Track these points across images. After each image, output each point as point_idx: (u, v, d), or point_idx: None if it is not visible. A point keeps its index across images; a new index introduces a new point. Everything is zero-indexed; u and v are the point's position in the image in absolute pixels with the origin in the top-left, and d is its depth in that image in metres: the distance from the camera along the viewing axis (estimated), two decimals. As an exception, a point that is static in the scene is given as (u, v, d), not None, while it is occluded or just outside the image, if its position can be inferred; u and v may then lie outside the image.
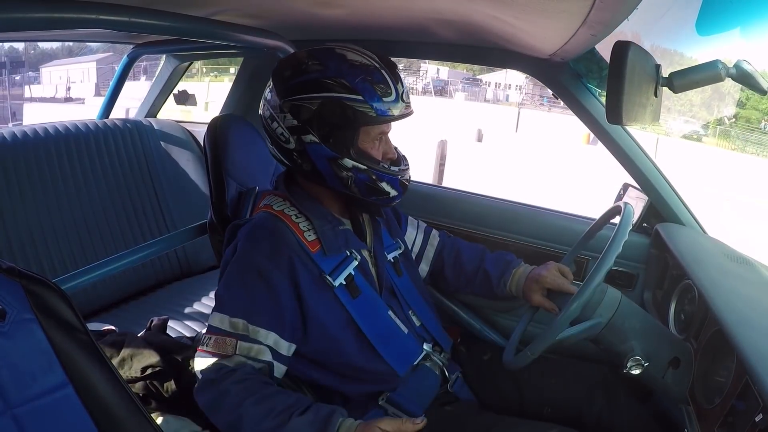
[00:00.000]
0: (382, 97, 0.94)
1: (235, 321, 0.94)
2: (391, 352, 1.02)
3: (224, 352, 0.93)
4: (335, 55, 0.95)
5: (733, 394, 0.79)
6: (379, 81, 0.94)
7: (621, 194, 1.51)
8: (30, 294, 0.61)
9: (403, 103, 0.98)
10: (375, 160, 0.99)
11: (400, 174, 1.02)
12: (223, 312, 0.95)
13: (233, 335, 0.93)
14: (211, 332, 0.95)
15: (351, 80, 0.93)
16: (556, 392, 1.11)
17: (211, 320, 0.96)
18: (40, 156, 1.66)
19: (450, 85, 29.45)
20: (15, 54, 31.05)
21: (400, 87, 0.97)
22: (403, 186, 1.03)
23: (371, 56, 0.97)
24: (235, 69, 2.13)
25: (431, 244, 1.29)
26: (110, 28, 0.97)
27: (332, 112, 0.93)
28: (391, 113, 0.96)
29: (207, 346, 0.94)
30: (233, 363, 0.92)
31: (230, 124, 1.27)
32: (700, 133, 19.94)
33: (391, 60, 1.00)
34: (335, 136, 0.94)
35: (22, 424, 0.57)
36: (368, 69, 0.94)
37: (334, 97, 0.93)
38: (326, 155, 0.96)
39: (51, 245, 1.64)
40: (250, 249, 0.98)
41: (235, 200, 1.20)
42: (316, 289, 0.98)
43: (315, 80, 0.93)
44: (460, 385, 1.11)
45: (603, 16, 0.74)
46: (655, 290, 1.39)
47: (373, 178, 0.98)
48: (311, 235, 1.00)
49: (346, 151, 0.95)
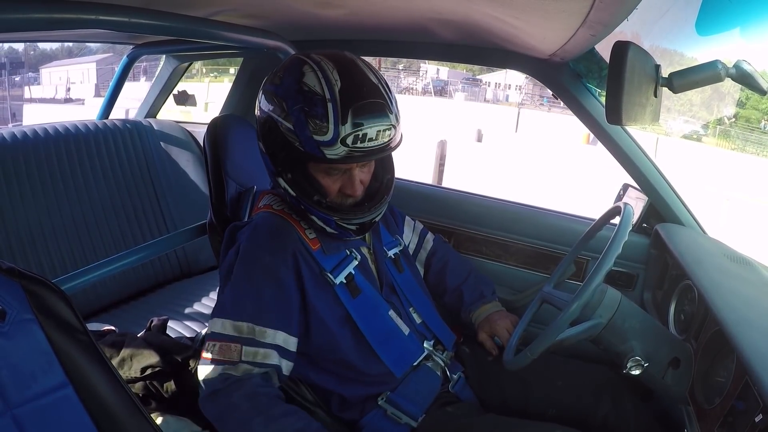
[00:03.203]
0: (313, 134, 0.86)
1: (239, 324, 0.92)
2: (389, 353, 1.02)
3: (229, 359, 0.90)
4: (297, 73, 0.89)
5: (733, 394, 0.79)
6: (315, 115, 0.85)
7: (621, 194, 1.51)
8: (30, 294, 0.61)
9: (344, 148, 0.86)
10: (309, 191, 0.94)
11: (341, 216, 0.95)
12: (225, 316, 0.93)
13: (238, 340, 0.91)
14: (213, 338, 0.92)
15: (290, 105, 0.88)
16: (562, 394, 1.10)
17: (212, 326, 0.93)
18: (40, 156, 1.66)
19: (450, 85, 29.44)
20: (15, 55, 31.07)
21: (349, 127, 0.85)
22: (342, 228, 0.97)
23: (333, 84, 0.86)
24: (235, 69, 2.13)
25: (424, 248, 1.31)
26: (110, 29, 0.97)
27: (271, 131, 0.92)
28: (323, 154, 0.87)
29: (211, 352, 0.91)
30: (239, 372, 0.90)
31: (230, 124, 1.27)
32: (700, 133, 19.95)
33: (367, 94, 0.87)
34: (275, 154, 0.94)
35: (22, 424, 0.57)
36: (312, 98, 0.86)
37: (274, 117, 0.91)
38: (268, 166, 0.97)
39: (51, 245, 1.64)
40: (253, 248, 0.97)
41: (234, 200, 1.19)
42: (316, 285, 0.98)
43: (270, 92, 0.92)
44: (461, 386, 1.11)
45: (603, 16, 0.74)
46: (655, 290, 1.39)
47: (302, 208, 0.96)
48: (311, 233, 1.01)
49: (280, 171, 0.95)
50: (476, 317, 1.23)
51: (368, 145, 0.88)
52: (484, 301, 1.24)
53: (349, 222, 0.96)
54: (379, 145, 0.89)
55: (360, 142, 0.87)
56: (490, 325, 1.20)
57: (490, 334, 1.20)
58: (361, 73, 0.90)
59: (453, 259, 1.30)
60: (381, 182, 1.03)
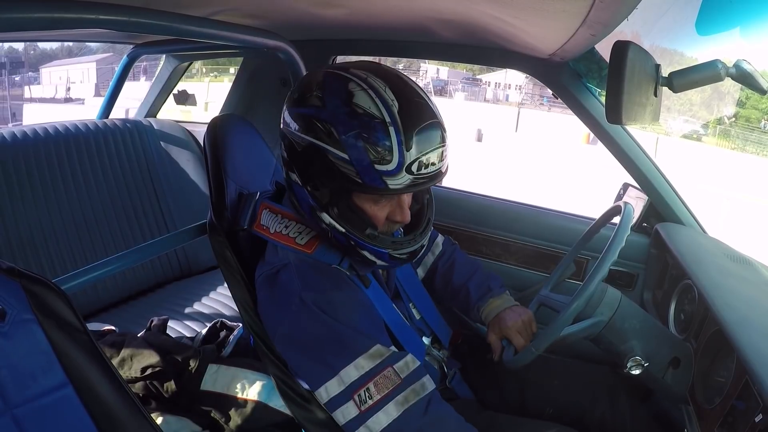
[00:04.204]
0: (373, 164, 0.76)
1: (373, 351, 0.81)
2: (409, 343, 0.97)
3: (393, 386, 0.80)
4: (343, 92, 0.78)
5: (733, 394, 0.79)
6: (377, 141, 0.75)
7: (621, 194, 1.51)
8: (30, 294, 0.61)
9: (409, 176, 0.77)
10: (362, 225, 0.84)
11: (393, 247, 0.86)
12: (351, 359, 0.80)
13: (385, 363, 0.81)
14: (358, 387, 0.79)
15: (341, 131, 0.76)
16: (559, 393, 1.11)
17: (345, 378, 0.80)
18: (40, 156, 1.66)
19: (450, 84, 29.44)
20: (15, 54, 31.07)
21: (414, 152, 0.76)
22: (395, 260, 0.88)
23: (391, 103, 0.76)
24: (235, 69, 2.13)
25: (432, 252, 1.28)
26: (110, 28, 0.97)
27: (315, 161, 0.79)
28: (385, 185, 0.77)
29: (369, 399, 0.79)
30: (416, 395, 0.81)
31: (230, 124, 1.26)
32: (700, 133, 19.96)
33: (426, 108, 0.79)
34: (317, 187, 0.82)
35: (22, 424, 0.57)
36: (370, 123, 0.75)
37: (319, 146, 0.78)
38: (307, 201, 0.85)
39: (51, 245, 1.64)
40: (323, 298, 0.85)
41: (234, 202, 1.19)
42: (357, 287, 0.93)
43: (308, 118, 0.79)
44: (458, 382, 1.11)
45: (602, 16, 0.74)
46: (655, 290, 1.39)
47: (351, 243, 0.85)
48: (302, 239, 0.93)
49: (325, 205, 0.83)
50: (486, 314, 1.13)
51: (431, 170, 0.79)
52: (492, 295, 1.15)
53: (402, 252, 0.88)
54: (439, 169, 0.81)
55: (424, 168, 0.78)
56: (500, 327, 1.09)
57: (501, 337, 1.09)
58: (413, 91, 0.81)
59: (459, 258, 1.26)
60: (422, 203, 0.96)
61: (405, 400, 0.80)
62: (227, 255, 1.06)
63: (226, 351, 1.19)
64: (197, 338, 1.28)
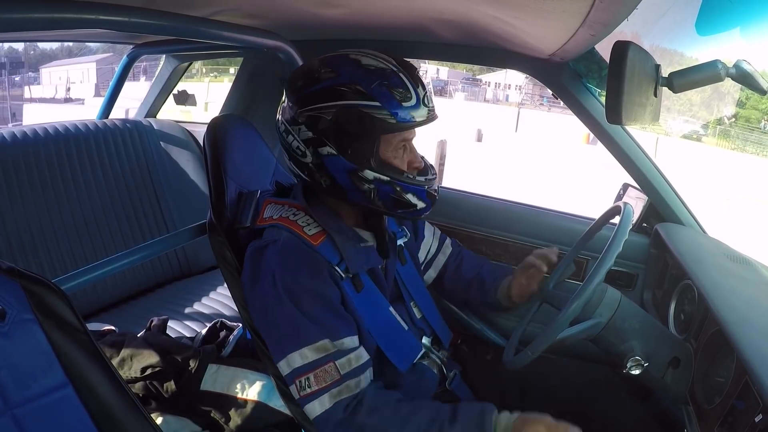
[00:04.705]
0: (401, 102, 0.88)
1: (319, 344, 0.88)
2: (393, 348, 1.01)
3: (332, 380, 0.87)
4: (349, 61, 0.90)
5: (733, 394, 0.79)
6: (396, 85, 0.88)
7: (621, 194, 1.51)
8: (30, 294, 0.61)
9: (426, 108, 0.91)
10: (398, 171, 0.93)
11: (426, 184, 0.96)
12: (298, 347, 0.88)
13: (326, 358, 0.88)
14: (300, 373, 0.88)
15: (366, 86, 0.87)
16: (559, 393, 1.11)
17: (289, 364, 0.88)
18: (40, 156, 1.66)
19: (450, 85, 29.46)
20: (15, 54, 31.06)
21: (421, 90, 0.91)
22: (431, 197, 0.97)
23: (387, 59, 0.92)
24: (235, 69, 2.13)
25: (443, 252, 1.28)
26: (110, 28, 0.97)
27: (348, 120, 0.88)
28: (413, 119, 0.90)
29: (308, 387, 0.87)
30: (349, 391, 0.87)
31: (230, 124, 1.26)
32: (700, 133, 19.97)
33: (409, 62, 0.94)
34: (353, 147, 0.90)
35: (22, 424, 0.57)
36: (384, 73, 0.89)
37: (350, 105, 0.88)
38: (345, 168, 0.91)
39: (51, 245, 1.64)
40: (293, 283, 0.92)
41: (234, 202, 1.19)
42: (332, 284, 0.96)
43: (329, 88, 0.89)
44: (458, 384, 1.11)
45: (602, 16, 0.74)
46: (654, 290, 1.39)
47: (397, 189, 0.93)
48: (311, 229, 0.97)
49: (366, 162, 0.90)
50: (503, 289, 1.17)
51: (433, 105, 0.94)
52: (508, 272, 1.20)
53: (431, 188, 0.97)
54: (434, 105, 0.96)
55: (429, 102, 0.93)
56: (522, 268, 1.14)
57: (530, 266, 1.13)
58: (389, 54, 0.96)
59: (467, 256, 1.28)
60: None
61: (339, 394, 0.87)
62: (227, 255, 1.06)
63: (226, 351, 1.19)
64: (197, 338, 1.28)
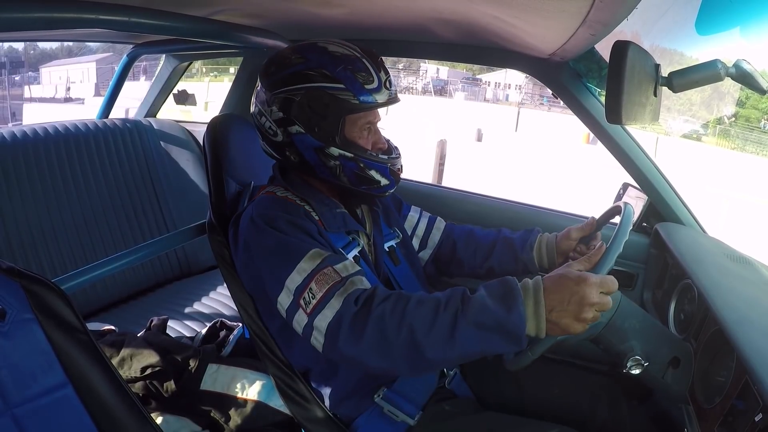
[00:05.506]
0: (363, 85, 0.95)
1: (312, 253, 0.88)
2: None
3: (334, 281, 0.85)
4: (317, 48, 0.97)
5: (733, 393, 0.79)
6: (359, 69, 0.95)
7: (621, 194, 1.51)
8: (30, 294, 0.61)
9: (387, 91, 0.98)
10: (362, 149, 0.99)
11: (389, 162, 1.01)
12: (293, 264, 0.87)
13: (323, 263, 0.87)
14: (303, 287, 0.86)
15: (332, 70, 0.94)
16: (559, 393, 1.10)
17: (291, 285, 0.87)
18: (40, 156, 1.66)
19: (450, 84, 29.46)
20: (15, 54, 31.08)
21: (383, 75, 0.98)
22: (394, 175, 1.03)
23: (352, 47, 0.98)
24: (235, 69, 2.13)
25: (437, 227, 1.27)
26: (110, 28, 0.97)
27: (315, 101, 0.95)
28: (375, 101, 0.96)
29: (313, 298, 0.84)
30: (354, 286, 0.86)
31: (230, 123, 1.26)
32: (700, 133, 19.96)
33: (372, 50, 1.01)
34: (320, 126, 0.96)
35: (22, 423, 0.57)
36: (349, 59, 0.96)
37: (317, 87, 0.94)
38: (312, 145, 0.97)
39: (51, 245, 1.64)
40: (270, 215, 0.94)
41: (233, 198, 1.19)
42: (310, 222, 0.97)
43: (298, 72, 0.95)
44: (458, 382, 1.11)
45: (602, 15, 0.74)
46: (655, 290, 1.39)
47: (361, 166, 0.98)
48: (316, 216, 1.00)
49: (331, 139, 0.96)
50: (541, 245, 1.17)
51: (394, 89, 1.01)
52: (538, 232, 1.20)
53: (395, 166, 1.03)
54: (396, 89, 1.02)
55: (390, 85, 0.99)
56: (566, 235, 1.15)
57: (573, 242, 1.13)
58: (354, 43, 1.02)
59: (472, 227, 1.27)
60: None
61: (345, 291, 0.85)
62: (226, 254, 1.06)
63: (225, 351, 1.19)
64: (197, 338, 1.28)
